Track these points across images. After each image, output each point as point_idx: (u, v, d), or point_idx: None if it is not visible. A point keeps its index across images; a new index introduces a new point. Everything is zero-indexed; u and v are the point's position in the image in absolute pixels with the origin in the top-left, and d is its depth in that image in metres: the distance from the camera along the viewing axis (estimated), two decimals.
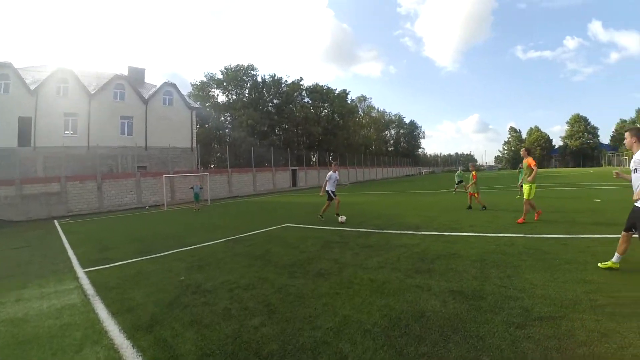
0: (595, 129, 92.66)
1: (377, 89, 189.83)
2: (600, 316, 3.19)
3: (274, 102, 53.90)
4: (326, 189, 10.53)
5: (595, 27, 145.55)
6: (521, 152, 9.12)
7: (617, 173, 4.63)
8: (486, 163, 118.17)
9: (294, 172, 40.61)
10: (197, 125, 36.54)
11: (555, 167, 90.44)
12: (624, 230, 4.25)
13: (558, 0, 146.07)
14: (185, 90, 45.43)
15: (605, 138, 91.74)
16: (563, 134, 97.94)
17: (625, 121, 77.16)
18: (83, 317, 3.90)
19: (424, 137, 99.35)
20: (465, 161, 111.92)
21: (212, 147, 45.71)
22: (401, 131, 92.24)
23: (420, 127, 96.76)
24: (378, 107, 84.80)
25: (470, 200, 11.69)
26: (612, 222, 7.77)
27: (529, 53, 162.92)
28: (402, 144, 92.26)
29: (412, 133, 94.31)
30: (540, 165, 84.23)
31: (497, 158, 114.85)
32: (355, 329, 3.21)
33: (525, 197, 8.32)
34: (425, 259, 5.53)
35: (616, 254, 4.36)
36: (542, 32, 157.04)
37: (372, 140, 76.89)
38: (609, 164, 72.71)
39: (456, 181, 18.78)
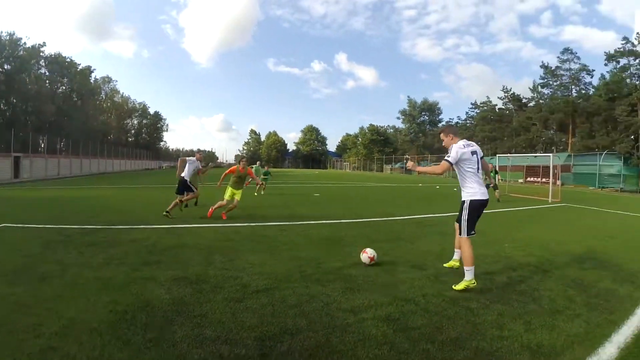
0: (324, 138, 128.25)
1: (125, 72, 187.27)
2: (308, 283, 4.70)
3: (5, 67, 50.80)
4: (181, 175, 10.94)
5: (341, 58, 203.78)
6: (241, 163, 10.49)
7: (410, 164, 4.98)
8: (226, 161, 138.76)
9: (16, 160, 35.92)
10: None
11: (288, 167, 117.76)
12: (456, 220, 4.98)
13: (317, 29, 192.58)
14: None
15: (332, 147, 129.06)
16: (297, 140, 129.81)
17: (350, 134, 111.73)
18: None
19: (167, 130, 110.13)
20: (206, 158, 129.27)
21: None
22: (144, 121, 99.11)
23: (165, 120, 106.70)
24: (123, 92, 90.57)
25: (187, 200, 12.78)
26: (325, 212, 11.34)
27: (279, 67, 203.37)
28: (144, 135, 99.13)
29: (155, 124, 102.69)
30: (275, 165, 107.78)
31: (237, 157, 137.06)
32: (82, 329, 3.49)
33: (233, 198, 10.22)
34: (154, 252, 6.37)
35: (455, 250, 5.38)
36: (295, 51, 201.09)
37: (111, 128, 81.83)
38: (333, 168, 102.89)
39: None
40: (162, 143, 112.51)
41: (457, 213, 4.88)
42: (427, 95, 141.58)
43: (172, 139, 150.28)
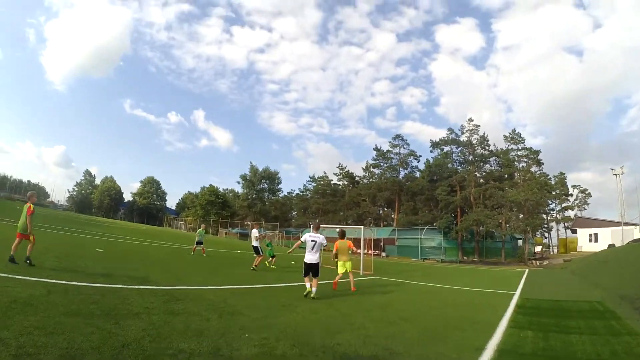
0: (164, 193, 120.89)
1: None
2: None
3: None
4: (252, 244, 15.87)
5: (199, 115, 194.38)
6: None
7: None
8: (58, 201, 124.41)
9: None
10: None
11: (121, 219, 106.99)
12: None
13: (182, 81, 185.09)
14: None
15: (172, 203, 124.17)
16: (135, 191, 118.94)
17: (192, 193, 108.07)
18: None
19: None
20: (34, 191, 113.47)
21: None
22: None
23: None
24: None
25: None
26: (69, 270, 8.32)
27: (135, 110, 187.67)
28: None
29: None
30: (106, 215, 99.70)
31: (71, 198, 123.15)
32: None
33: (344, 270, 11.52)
34: None
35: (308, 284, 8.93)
36: (155, 98, 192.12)
37: None
38: (170, 226, 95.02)
39: (196, 240, 19.68)
40: None
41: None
42: (276, 166, 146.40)
43: (2, 163, 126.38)
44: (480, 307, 9.63)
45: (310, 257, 9.07)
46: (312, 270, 8.98)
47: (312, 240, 9.13)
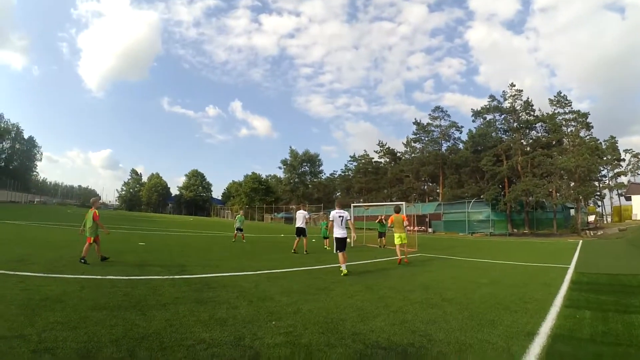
0: (209, 185, 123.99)
1: (9, 85, 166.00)
2: None
3: None
4: (297, 226, 15.47)
5: (236, 106, 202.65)
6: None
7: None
8: (110, 201, 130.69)
9: None
10: None
11: (170, 213, 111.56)
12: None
13: (216, 74, 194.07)
14: None
15: (217, 193, 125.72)
16: (181, 184, 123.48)
17: (236, 182, 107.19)
18: None
19: (41, 160, 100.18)
20: (84, 195, 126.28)
21: None
22: (17, 146, 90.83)
23: (40, 147, 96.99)
24: None
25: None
26: (111, 263, 8.12)
27: (174, 107, 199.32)
28: (15, 162, 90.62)
29: (28, 152, 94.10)
30: (155, 210, 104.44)
31: (120, 198, 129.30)
32: None
33: (400, 242, 12.49)
34: None
35: (343, 265, 9.34)
36: (192, 94, 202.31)
37: None
38: (217, 215, 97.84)
39: (236, 226, 19.99)
40: (34, 174, 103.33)
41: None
42: (316, 149, 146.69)
43: (53, 172, 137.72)
44: (532, 284, 8.86)
45: (341, 232, 9.84)
46: (343, 243, 9.69)
47: (339, 216, 9.93)
